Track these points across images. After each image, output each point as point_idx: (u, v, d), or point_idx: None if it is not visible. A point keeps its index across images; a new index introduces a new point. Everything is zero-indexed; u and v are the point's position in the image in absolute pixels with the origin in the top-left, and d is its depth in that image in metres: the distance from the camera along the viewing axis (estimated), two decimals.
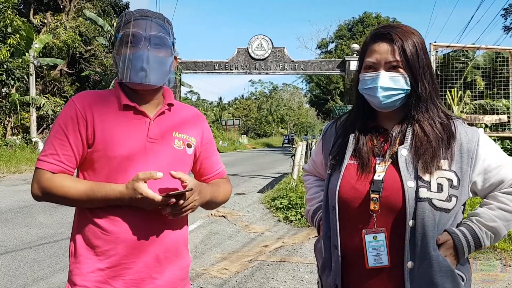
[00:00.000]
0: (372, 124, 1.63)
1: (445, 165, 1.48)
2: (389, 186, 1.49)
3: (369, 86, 1.55)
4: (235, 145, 50.10)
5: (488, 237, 1.49)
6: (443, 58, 9.95)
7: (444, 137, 1.52)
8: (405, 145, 1.52)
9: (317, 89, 53.00)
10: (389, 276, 1.49)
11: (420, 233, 1.43)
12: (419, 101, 1.54)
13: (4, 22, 17.69)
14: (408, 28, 1.58)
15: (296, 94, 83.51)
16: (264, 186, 13.05)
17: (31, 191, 1.63)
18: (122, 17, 1.68)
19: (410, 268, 1.45)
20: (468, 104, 9.13)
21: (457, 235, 1.47)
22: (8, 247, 6.14)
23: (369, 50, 1.57)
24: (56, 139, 1.60)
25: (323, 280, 1.65)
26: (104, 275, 1.58)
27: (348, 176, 1.57)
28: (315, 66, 20.51)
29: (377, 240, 1.49)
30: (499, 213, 1.50)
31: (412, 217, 1.44)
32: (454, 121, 1.57)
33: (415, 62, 1.52)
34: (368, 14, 48.03)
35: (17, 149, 19.76)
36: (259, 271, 5.27)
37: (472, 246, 1.48)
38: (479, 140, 1.52)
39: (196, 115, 1.84)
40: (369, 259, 1.49)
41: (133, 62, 1.60)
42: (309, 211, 1.82)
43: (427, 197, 1.44)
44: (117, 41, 1.65)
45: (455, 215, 1.50)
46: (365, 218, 1.51)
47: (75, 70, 27.68)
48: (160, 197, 1.52)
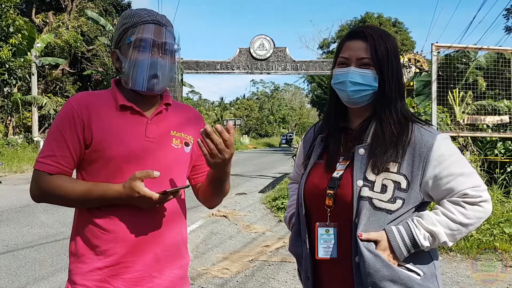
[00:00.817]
0: (343, 125, 1.70)
1: (394, 167, 1.54)
2: (343, 183, 1.57)
3: (340, 81, 1.62)
4: (236, 145, 49.79)
5: (425, 238, 1.51)
6: (445, 59, 9.94)
7: (398, 138, 1.56)
8: (364, 144, 1.59)
9: (318, 89, 52.95)
10: (341, 268, 1.58)
11: (356, 228, 1.51)
12: (384, 100, 1.60)
13: (6, 21, 17.71)
14: (383, 31, 1.66)
15: (297, 94, 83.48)
16: (265, 186, 13.05)
17: (30, 192, 1.64)
18: (130, 17, 1.65)
19: (357, 262, 1.52)
20: (470, 105, 9.11)
21: (392, 233, 1.51)
22: (10, 246, 6.15)
23: (343, 47, 1.65)
24: (54, 141, 1.61)
25: (301, 274, 1.74)
26: (103, 274, 1.59)
27: (313, 174, 1.67)
28: (316, 66, 20.48)
29: (329, 233, 1.58)
30: (442, 218, 1.53)
31: (356, 215, 1.52)
32: (413, 124, 1.60)
33: (384, 62, 1.59)
34: (370, 14, 47.95)
35: (18, 149, 19.80)
36: (260, 271, 5.28)
37: (409, 245, 1.51)
38: (434, 145, 1.54)
39: (193, 114, 1.85)
40: (319, 250, 1.59)
41: (147, 69, 1.60)
42: (286, 217, 1.91)
43: (368, 196, 1.51)
44: (127, 44, 1.62)
45: (401, 217, 1.54)
46: (323, 213, 1.60)
47: (77, 69, 27.70)
48: (158, 195, 1.52)
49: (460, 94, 8.92)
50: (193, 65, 20.77)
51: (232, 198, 10.88)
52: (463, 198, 1.53)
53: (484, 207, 1.55)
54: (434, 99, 7.73)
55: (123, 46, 1.65)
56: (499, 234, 6.06)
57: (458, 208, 1.53)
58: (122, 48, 1.65)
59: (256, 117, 78.48)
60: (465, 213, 1.52)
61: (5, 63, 17.52)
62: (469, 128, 8.57)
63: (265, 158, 30.13)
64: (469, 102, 9.10)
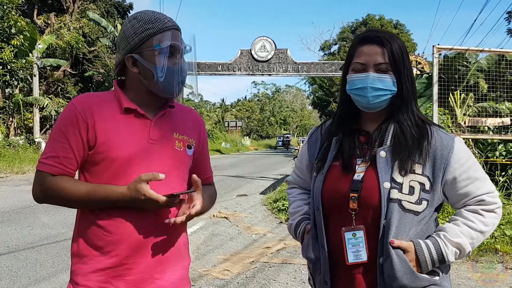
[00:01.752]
0: (355, 127, 1.69)
1: (419, 169, 1.55)
2: (367, 186, 1.57)
3: (359, 86, 1.61)
4: (237, 147, 50.11)
5: (452, 253, 1.54)
6: (446, 61, 9.93)
7: (420, 139, 1.58)
8: (384, 146, 1.60)
9: (320, 91, 52.96)
10: (366, 270, 1.58)
11: (387, 231, 1.52)
12: (402, 103, 1.61)
13: (8, 23, 17.75)
14: (392, 34, 1.66)
15: (299, 95, 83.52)
16: (266, 188, 13.05)
17: (32, 194, 1.64)
18: (153, 23, 1.63)
19: (382, 263, 1.53)
20: (471, 107, 9.11)
21: (420, 247, 1.53)
22: (11, 247, 6.16)
23: (357, 52, 1.63)
24: (57, 142, 1.61)
25: (315, 279, 1.72)
26: (106, 275, 1.59)
27: (331, 177, 1.65)
28: (318, 68, 20.49)
29: (356, 237, 1.57)
30: (464, 229, 1.56)
31: (385, 217, 1.52)
32: (430, 126, 1.63)
33: (401, 65, 1.59)
34: (372, 16, 47.95)
35: (20, 150, 19.81)
36: (261, 272, 5.28)
37: (435, 261, 1.53)
38: (454, 147, 1.58)
39: (195, 117, 1.86)
40: (348, 255, 1.57)
41: (176, 76, 1.63)
42: (291, 225, 1.86)
43: (398, 198, 1.52)
44: (157, 51, 1.61)
45: (425, 218, 1.56)
46: (346, 217, 1.58)
47: (78, 71, 27.72)
48: (164, 198, 1.53)
49: (461, 96, 8.91)
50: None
51: (233, 200, 10.89)
52: (480, 205, 1.57)
53: (499, 213, 1.59)
54: (435, 101, 7.73)
55: (146, 52, 1.63)
56: (500, 236, 6.06)
57: (477, 217, 1.56)
58: (146, 54, 1.63)
59: (257, 119, 78.52)
60: (484, 221, 1.56)
61: (7, 64, 17.55)
62: (470, 130, 8.56)
63: (266, 159, 30.14)
64: (470, 104, 9.09)
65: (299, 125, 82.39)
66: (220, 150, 42.20)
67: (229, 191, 12.27)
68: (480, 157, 8.29)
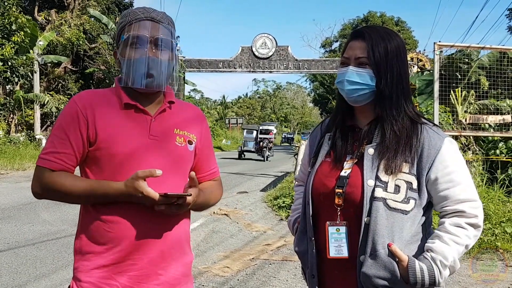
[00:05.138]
0: (350, 123, 1.71)
1: (406, 168, 1.55)
2: (352, 182, 1.58)
3: (339, 80, 1.65)
4: (238, 144, 50.08)
5: (445, 276, 1.52)
6: (447, 58, 9.92)
7: (408, 139, 1.57)
8: (373, 144, 1.61)
9: (320, 88, 52.92)
10: (347, 267, 1.59)
11: (373, 229, 1.51)
12: (384, 100, 1.61)
13: (9, 19, 17.71)
14: (387, 31, 1.66)
15: (299, 93, 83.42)
16: (267, 185, 13.05)
17: (31, 189, 1.64)
18: (126, 16, 1.67)
19: (362, 261, 1.53)
20: (472, 104, 9.10)
21: (414, 269, 1.49)
22: (11, 244, 6.16)
23: (347, 47, 1.67)
24: (57, 138, 1.61)
25: (306, 272, 1.74)
26: (109, 271, 1.59)
27: (321, 173, 1.67)
28: (319, 65, 20.47)
29: (339, 232, 1.59)
30: (454, 248, 1.52)
31: (367, 214, 1.52)
32: (422, 125, 1.62)
33: (382, 62, 1.60)
34: (373, 13, 47.88)
35: (20, 146, 19.80)
36: (261, 269, 5.28)
37: (426, 284, 1.50)
38: (441, 148, 1.56)
39: (196, 113, 1.85)
40: (330, 249, 1.59)
41: (139, 67, 1.61)
42: (290, 221, 1.90)
43: (382, 197, 1.52)
44: (122, 42, 1.64)
45: (416, 218, 1.55)
46: (332, 212, 1.60)
47: (79, 67, 27.70)
48: (160, 197, 1.52)
49: (462, 94, 8.91)
50: (195, 63, 20.76)
51: (234, 197, 10.89)
52: (463, 217, 1.54)
53: (481, 227, 1.57)
54: (436, 98, 7.72)
55: (120, 45, 1.66)
56: (500, 233, 6.06)
57: (462, 231, 1.54)
58: (120, 47, 1.66)
59: (258, 116, 78.44)
60: (468, 234, 1.54)
61: (8, 61, 17.53)
62: (471, 128, 8.56)
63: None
64: (471, 102, 9.09)
65: (300, 122, 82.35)
66: (221, 147, 42.21)
67: (230, 188, 12.27)
68: (481, 154, 8.28)
